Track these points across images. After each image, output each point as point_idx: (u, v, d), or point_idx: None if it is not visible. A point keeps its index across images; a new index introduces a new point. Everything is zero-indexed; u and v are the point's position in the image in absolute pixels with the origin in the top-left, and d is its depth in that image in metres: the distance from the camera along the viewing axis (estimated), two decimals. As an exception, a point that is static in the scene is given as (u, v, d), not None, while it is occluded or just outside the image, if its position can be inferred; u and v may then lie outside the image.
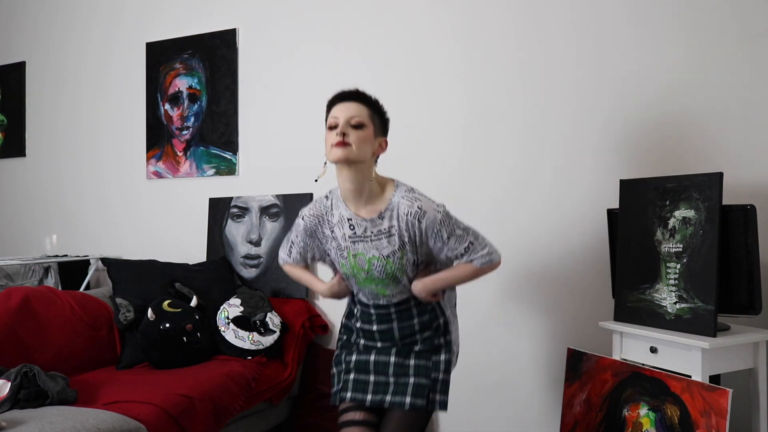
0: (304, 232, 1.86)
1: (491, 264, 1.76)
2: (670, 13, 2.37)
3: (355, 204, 1.75)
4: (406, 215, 1.71)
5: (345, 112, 1.69)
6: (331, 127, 1.70)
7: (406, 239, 1.72)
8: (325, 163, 1.77)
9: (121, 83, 3.61)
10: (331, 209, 1.81)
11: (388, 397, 1.75)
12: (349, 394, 1.80)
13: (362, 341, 1.87)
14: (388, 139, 1.81)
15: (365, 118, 1.70)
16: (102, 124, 3.67)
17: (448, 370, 1.82)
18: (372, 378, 1.80)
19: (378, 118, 1.75)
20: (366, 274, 1.77)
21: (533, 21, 2.61)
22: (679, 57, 2.36)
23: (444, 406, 1.78)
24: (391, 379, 1.78)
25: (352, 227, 1.75)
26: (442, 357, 1.81)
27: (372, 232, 1.74)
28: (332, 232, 1.80)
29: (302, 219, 1.85)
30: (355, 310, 1.90)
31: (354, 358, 1.85)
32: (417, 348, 1.81)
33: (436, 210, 1.72)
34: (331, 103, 1.75)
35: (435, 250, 1.75)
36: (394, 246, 1.73)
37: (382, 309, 1.82)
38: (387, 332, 1.82)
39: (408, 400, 1.73)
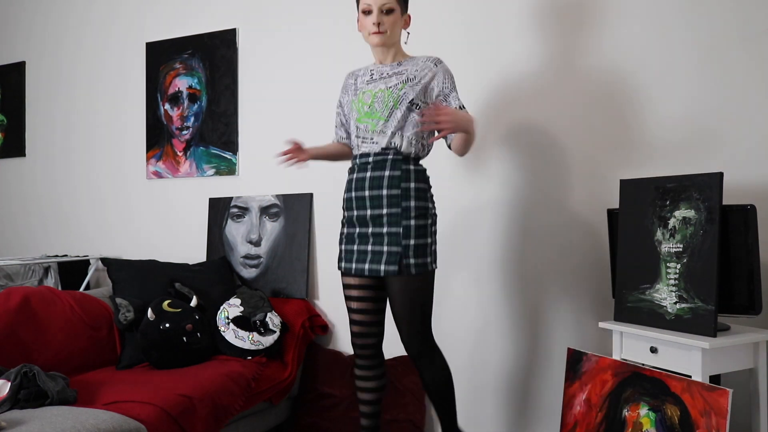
0: (342, 90, 2.20)
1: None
2: (671, 12, 2.37)
3: (384, 60, 2.11)
4: (425, 60, 2.05)
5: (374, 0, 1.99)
6: (365, 12, 2.02)
7: (412, 77, 2.02)
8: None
9: (120, 83, 3.61)
10: (360, 70, 2.18)
11: (367, 266, 1.98)
12: (343, 264, 2.10)
13: (345, 213, 2.11)
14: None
15: (393, 2, 2.00)
16: (101, 124, 3.67)
17: (422, 235, 1.96)
18: (355, 247, 2.05)
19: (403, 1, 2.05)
20: (368, 108, 2.03)
21: (534, 17, 2.61)
22: (680, 56, 2.36)
23: (418, 268, 1.93)
24: (369, 248, 2.00)
25: (371, 73, 2.10)
26: (412, 222, 1.95)
27: (387, 74, 2.06)
28: (355, 80, 2.15)
29: (344, 78, 2.23)
30: (349, 167, 2.14)
31: (345, 231, 2.11)
32: (385, 211, 1.96)
33: (448, 67, 2.08)
34: None
35: (431, 94, 2.03)
36: (399, 80, 2.01)
37: (364, 157, 2.05)
38: (359, 183, 2.03)
39: (383, 267, 1.94)
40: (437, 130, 2.00)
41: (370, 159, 2.03)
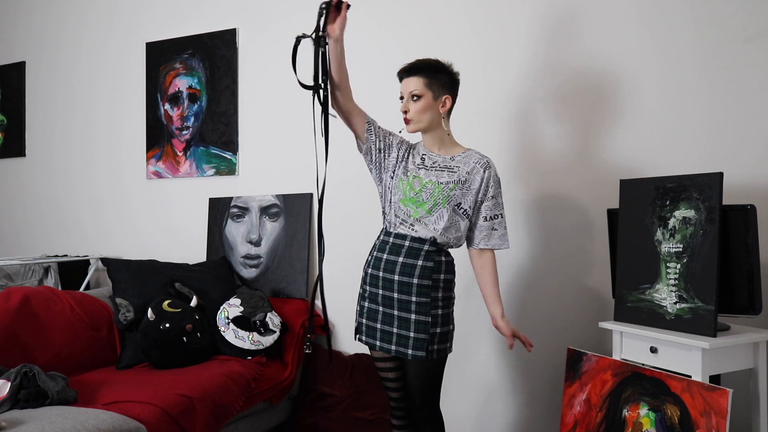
0: (391, 135, 2.09)
1: (503, 246, 2.07)
2: (672, 13, 2.37)
3: (432, 147, 2.07)
4: (476, 162, 2.02)
5: (405, 87, 2.01)
6: (400, 98, 2.03)
7: (463, 180, 2.00)
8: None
9: (120, 83, 3.61)
10: (417, 146, 2.11)
11: (393, 347, 1.99)
12: (364, 338, 2.08)
13: (368, 288, 2.06)
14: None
15: (421, 88, 1.98)
16: (101, 124, 3.67)
17: (446, 323, 2.02)
18: (379, 326, 2.02)
19: (437, 81, 1.99)
20: (414, 194, 2.00)
21: (537, 20, 2.61)
22: (680, 56, 2.36)
23: (440, 353, 1.99)
24: (395, 330, 1.99)
25: (423, 159, 2.05)
26: (440, 312, 1.99)
27: (439, 166, 2.02)
28: (409, 156, 2.07)
29: (399, 132, 2.12)
30: (376, 243, 2.09)
31: (366, 305, 2.07)
32: (414, 299, 1.96)
33: (497, 171, 2.07)
34: (402, 76, 2.04)
35: (477, 201, 2.02)
36: (452, 179, 1.99)
37: (399, 239, 2.01)
38: (390, 266, 1.99)
39: (410, 352, 1.96)
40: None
41: (406, 243, 1.99)
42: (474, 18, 2.72)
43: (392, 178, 2.06)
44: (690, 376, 1.86)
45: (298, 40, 2.01)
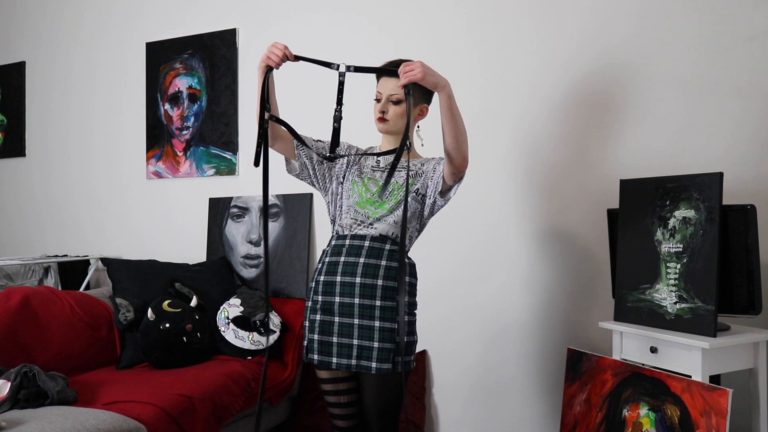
0: (323, 141, 1.96)
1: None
2: (672, 12, 2.37)
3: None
4: (431, 159, 1.93)
5: (386, 88, 1.87)
6: (377, 100, 1.90)
7: (421, 173, 1.91)
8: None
9: (120, 83, 3.61)
10: (371, 150, 2.04)
11: (354, 361, 1.79)
12: (316, 356, 1.85)
13: (320, 299, 1.86)
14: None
15: (403, 94, 1.82)
16: (101, 123, 3.67)
17: (412, 332, 1.85)
18: (335, 340, 1.82)
19: (419, 88, 1.83)
20: (371, 195, 1.89)
21: (536, 19, 2.61)
22: (680, 56, 2.36)
23: (406, 365, 1.81)
24: (355, 342, 1.80)
25: (378, 162, 1.96)
26: (406, 319, 1.82)
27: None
28: (362, 159, 1.98)
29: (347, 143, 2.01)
30: (326, 250, 1.92)
31: (318, 318, 1.86)
32: (379, 303, 1.79)
33: None
34: (379, 75, 1.90)
35: (434, 175, 1.88)
36: (407, 176, 1.81)
37: (357, 240, 1.86)
38: (349, 268, 1.82)
39: (374, 365, 1.77)
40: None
41: (366, 243, 1.84)
42: (473, 18, 2.72)
43: (342, 183, 1.94)
44: (690, 376, 1.86)
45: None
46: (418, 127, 1.96)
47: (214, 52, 3.33)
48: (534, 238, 2.60)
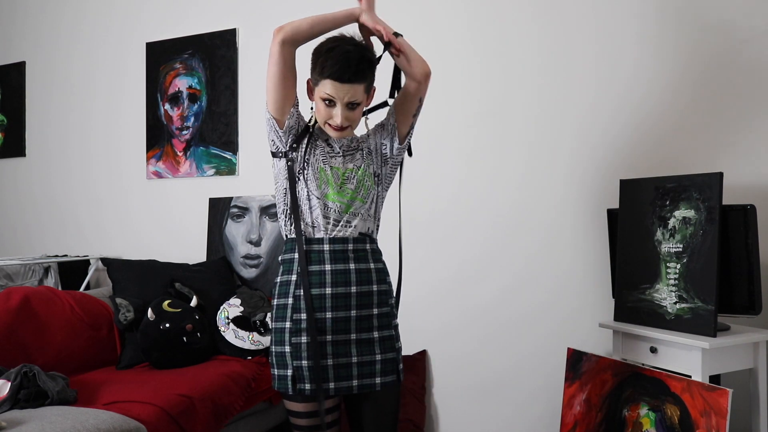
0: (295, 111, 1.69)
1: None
2: (671, 12, 2.37)
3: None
4: (374, 127, 1.75)
5: (343, 93, 1.57)
6: (324, 101, 1.59)
7: (373, 148, 1.71)
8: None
9: (120, 83, 3.61)
10: (314, 132, 1.71)
11: (356, 382, 1.59)
12: (307, 386, 1.59)
13: (304, 316, 1.59)
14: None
15: (360, 93, 1.59)
16: (101, 123, 3.67)
17: (399, 337, 1.70)
18: (331, 362, 1.59)
19: (372, 78, 1.64)
20: (339, 188, 1.64)
21: (536, 20, 2.61)
22: (680, 56, 2.36)
23: (402, 374, 1.67)
24: (354, 359, 1.59)
25: (331, 146, 1.68)
26: (396, 321, 1.68)
27: (348, 148, 1.68)
28: (315, 142, 1.68)
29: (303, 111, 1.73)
30: (293, 258, 1.64)
31: (303, 341, 1.59)
32: (376, 311, 1.62)
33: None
34: (326, 73, 1.57)
35: (387, 125, 1.73)
36: (362, 156, 1.68)
37: (338, 244, 1.61)
38: (341, 277, 1.60)
39: (378, 380, 1.60)
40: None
41: (349, 246, 1.62)
42: (471, 19, 2.72)
43: (304, 169, 1.65)
44: (690, 376, 1.86)
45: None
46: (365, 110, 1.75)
47: (214, 52, 3.33)
48: (534, 238, 2.60)
